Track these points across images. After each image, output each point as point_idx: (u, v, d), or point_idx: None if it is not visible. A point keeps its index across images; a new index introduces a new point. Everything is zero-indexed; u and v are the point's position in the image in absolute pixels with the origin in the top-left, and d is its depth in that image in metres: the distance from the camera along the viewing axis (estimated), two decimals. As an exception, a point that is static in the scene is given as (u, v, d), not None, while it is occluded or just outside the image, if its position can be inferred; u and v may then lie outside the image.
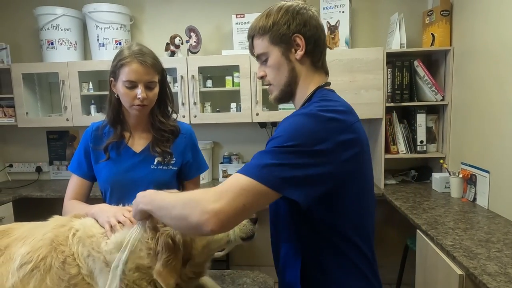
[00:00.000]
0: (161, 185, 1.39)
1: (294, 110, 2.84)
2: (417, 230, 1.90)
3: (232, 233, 1.01)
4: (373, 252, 1.00)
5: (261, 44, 1.00)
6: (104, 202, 1.45)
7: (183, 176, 1.49)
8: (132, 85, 1.30)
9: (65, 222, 1.13)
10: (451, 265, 1.49)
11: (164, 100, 1.43)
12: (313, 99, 0.97)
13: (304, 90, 1.01)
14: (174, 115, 1.48)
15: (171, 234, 0.95)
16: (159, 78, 1.37)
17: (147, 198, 0.94)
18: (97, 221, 1.12)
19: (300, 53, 0.98)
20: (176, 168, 1.43)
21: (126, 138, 1.42)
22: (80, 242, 1.03)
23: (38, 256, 1.01)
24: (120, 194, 1.40)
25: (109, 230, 1.05)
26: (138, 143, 1.43)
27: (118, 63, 1.31)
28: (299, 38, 0.97)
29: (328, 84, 1.03)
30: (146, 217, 0.99)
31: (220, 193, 0.78)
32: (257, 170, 0.80)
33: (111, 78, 1.36)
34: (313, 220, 0.92)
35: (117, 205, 1.30)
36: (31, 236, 1.07)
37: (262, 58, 1.03)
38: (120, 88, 1.32)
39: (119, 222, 1.08)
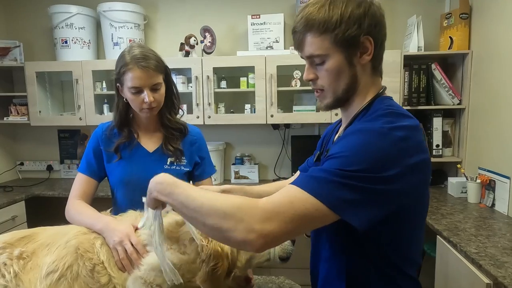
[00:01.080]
0: None
1: (312, 111, 2.73)
2: (438, 236, 1.87)
3: (272, 252, 0.98)
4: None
5: (319, 44, 0.82)
6: (115, 202, 1.46)
7: (192, 178, 1.50)
8: (137, 90, 1.30)
9: (87, 230, 1.13)
10: (477, 273, 1.47)
11: (171, 97, 1.43)
12: (376, 109, 0.84)
13: (362, 97, 0.89)
14: (180, 112, 1.48)
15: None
16: (164, 77, 1.37)
17: (164, 186, 0.84)
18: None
19: (366, 57, 0.84)
20: (188, 169, 1.45)
21: (137, 137, 1.43)
22: (110, 254, 1.04)
23: (64, 264, 1.01)
24: (132, 194, 1.38)
25: (118, 260, 1.03)
26: (150, 142, 1.44)
27: (121, 70, 1.31)
28: (369, 40, 0.82)
29: (385, 89, 0.92)
30: (160, 205, 0.91)
31: (271, 212, 0.70)
32: (317, 186, 0.72)
33: (118, 84, 1.36)
34: (363, 242, 0.84)
35: (129, 206, 1.28)
36: (55, 244, 1.07)
37: (315, 60, 0.85)
38: (127, 94, 1.33)
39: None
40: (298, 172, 1.26)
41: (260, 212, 0.71)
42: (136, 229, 1.14)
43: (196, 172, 1.49)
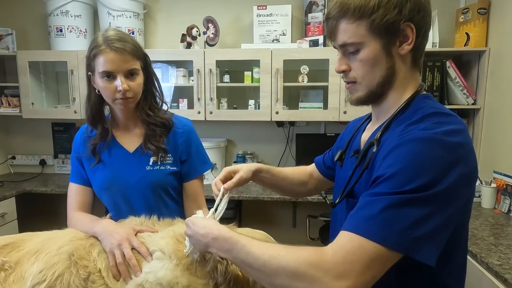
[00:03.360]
0: (159, 188, 1.26)
1: (319, 109, 2.63)
2: (454, 244, 1.76)
3: None
4: None
5: (354, 31, 0.74)
6: (107, 210, 1.33)
7: (181, 177, 1.32)
8: (110, 76, 1.14)
9: (83, 235, 1.04)
10: (502, 288, 1.36)
11: (150, 90, 1.27)
12: (417, 108, 0.76)
13: (399, 94, 0.80)
14: (164, 107, 1.32)
15: None
16: (142, 65, 1.21)
17: (221, 243, 0.76)
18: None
19: (407, 47, 0.75)
20: (174, 168, 1.28)
21: (116, 137, 1.28)
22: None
23: (54, 273, 0.91)
24: (116, 200, 1.27)
25: (114, 265, 0.96)
26: (130, 141, 1.28)
27: (91, 53, 1.15)
28: (410, 28, 0.74)
29: (424, 86, 0.83)
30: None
31: (343, 264, 0.63)
32: (383, 231, 0.64)
33: (89, 73, 1.20)
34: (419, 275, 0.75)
35: (116, 214, 1.23)
36: (45, 250, 0.96)
37: (349, 49, 0.77)
38: (98, 82, 1.17)
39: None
40: (313, 165, 1.19)
41: (332, 266, 0.63)
42: (137, 233, 1.04)
43: (183, 171, 1.30)
